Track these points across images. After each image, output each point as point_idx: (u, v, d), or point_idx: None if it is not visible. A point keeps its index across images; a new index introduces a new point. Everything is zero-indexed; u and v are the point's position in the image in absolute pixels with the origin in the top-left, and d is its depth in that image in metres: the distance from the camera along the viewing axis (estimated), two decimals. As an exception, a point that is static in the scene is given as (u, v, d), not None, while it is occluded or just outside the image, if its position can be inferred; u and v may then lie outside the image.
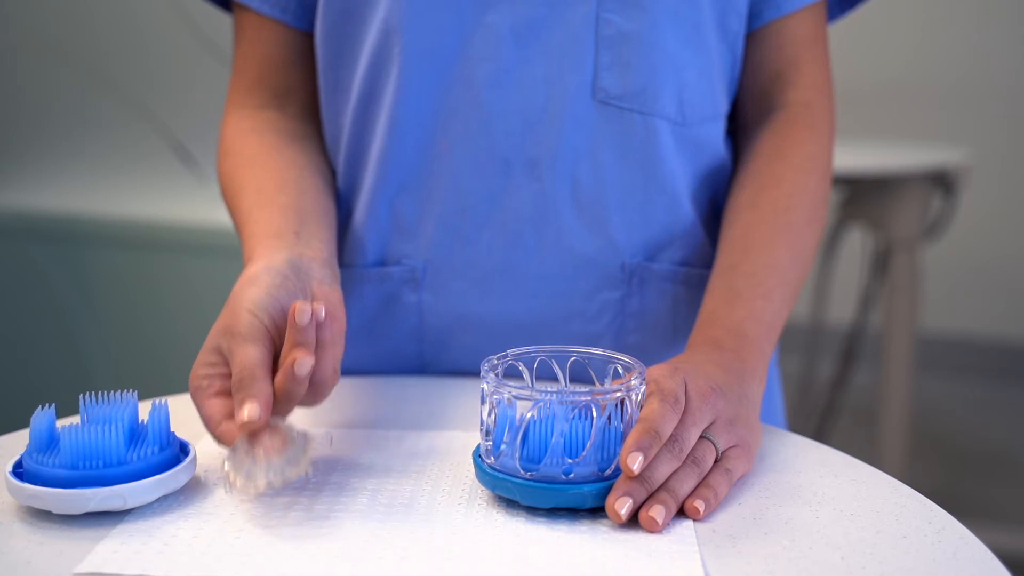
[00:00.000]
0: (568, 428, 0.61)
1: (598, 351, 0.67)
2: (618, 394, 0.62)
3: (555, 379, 0.68)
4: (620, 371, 0.66)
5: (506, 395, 0.61)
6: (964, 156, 2.25)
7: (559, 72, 0.80)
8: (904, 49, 3.29)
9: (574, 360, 0.67)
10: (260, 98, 0.89)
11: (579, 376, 0.68)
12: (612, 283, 0.84)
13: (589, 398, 0.61)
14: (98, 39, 1.97)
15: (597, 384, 0.67)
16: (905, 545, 0.58)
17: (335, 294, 0.71)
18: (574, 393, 0.61)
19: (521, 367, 0.66)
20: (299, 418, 0.76)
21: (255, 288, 0.67)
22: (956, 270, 3.34)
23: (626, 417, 0.62)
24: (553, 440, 0.60)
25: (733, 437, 0.66)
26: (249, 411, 0.60)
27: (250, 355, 0.63)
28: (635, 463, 0.59)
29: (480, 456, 0.64)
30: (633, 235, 0.84)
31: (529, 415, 0.61)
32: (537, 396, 0.61)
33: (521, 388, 0.61)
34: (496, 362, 0.65)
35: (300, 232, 0.76)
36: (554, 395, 0.61)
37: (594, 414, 0.61)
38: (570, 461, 0.61)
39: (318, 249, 0.75)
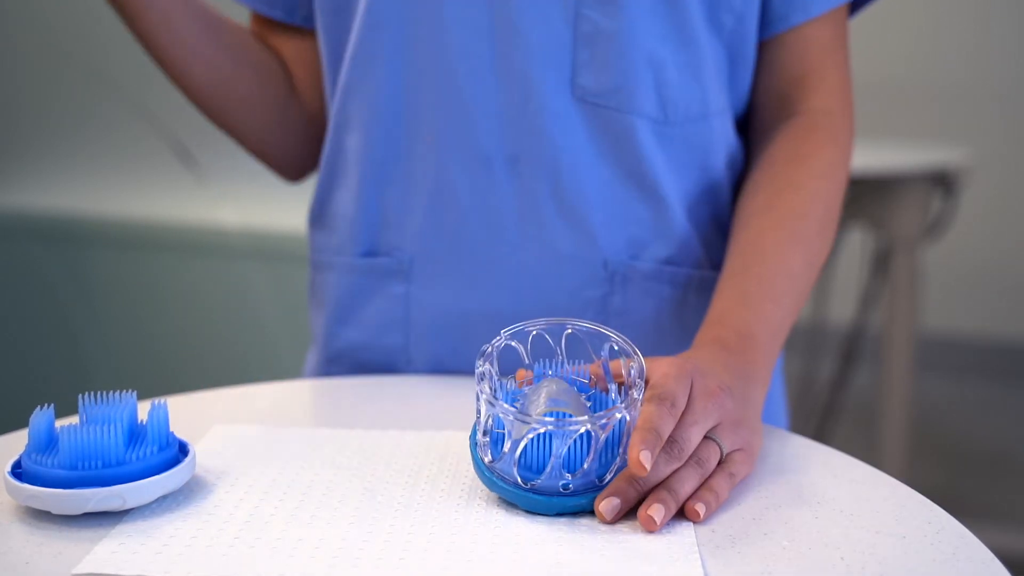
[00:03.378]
0: (566, 447, 0.60)
1: (592, 324, 0.66)
2: (618, 415, 0.61)
3: (551, 353, 0.67)
4: (615, 349, 0.65)
5: (499, 411, 0.61)
6: (964, 156, 2.25)
7: (538, 68, 0.80)
8: (904, 49, 3.29)
9: (570, 333, 0.66)
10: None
11: (575, 348, 0.67)
12: (594, 281, 0.84)
13: (588, 426, 0.60)
14: (98, 39, 1.97)
15: (594, 357, 0.66)
16: (905, 545, 0.58)
17: None
18: (573, 421, 0.60)
19: (515, 344, 0.65)
20: (295, 417, 0.76)
21: None
22: (956, 270, 3.34)
23: (625, 427, 0.61)
24: (550, 465, 0.60)
25: (738, 440, 0.65)
26: None
27: None
28: (647, 461, 0.58)
29: (477, 448, 0.63)
30: (614, 233, 0.84)
31: (524, 441, 0.60)
32: (535, 424, 0.60)
33: (519, 413, 0.60)
34: (490, 350, 0.64)
35: None
36: (552, 423, 0.60)
37: (593, 434, 0.60)
38: (568, 476, 0.60)
39: None
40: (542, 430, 0.60)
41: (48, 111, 2.03)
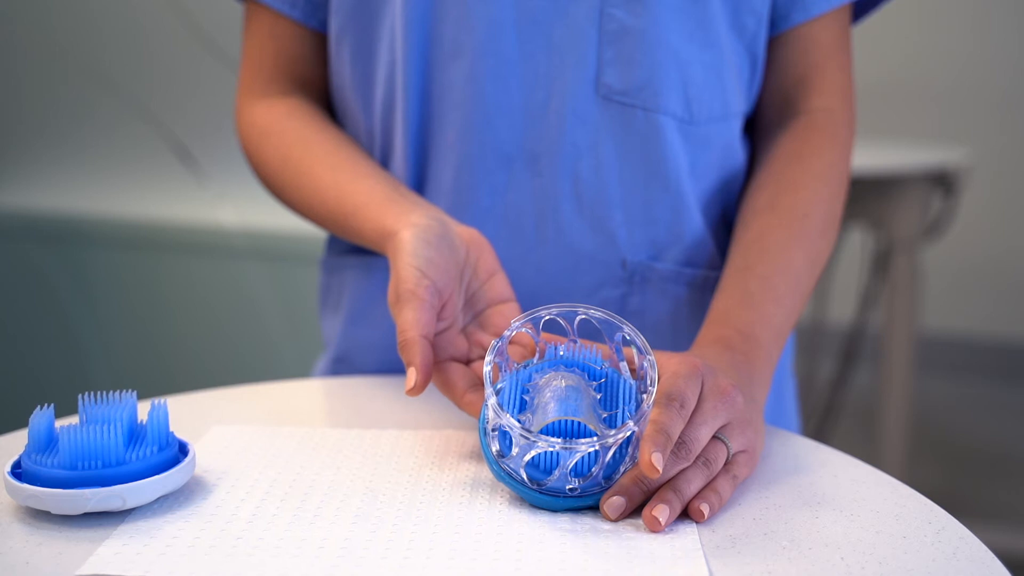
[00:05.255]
0: (573, 461, 0.60)
1: (605, 312, 0.65)
2: (627, 433, 0.61)
3: (563, 332, 0.67)
4: (627, 339, 0.65)
5: (505, 424, 0.61)
6: (964, 156, 2.25)
7: (561, 67, 0.80)
8: (904, 49, 3.29)
9: (583, 319, 0.66)
10: (281, 86, 0.90)
11: (587, 336, 0.67)
12: (613, 281, 0.84)
13: (596, 447, 0.60)
14: (98, 39, 1.97)
15: (605, 339, 0.66)
16: (905, 545, 0.58)
17: (475, 230, 0.75)
18: (581, 442, 0.60)
19: (529, 330, 0.65)
20: (295, 417, 0.76)
21: (420, 245, 0.71)
22: (956, 270, 3.34)
23: (635, 435, 0.61)
24: (557, 473, 0.60)
25: (744, 440, 0.65)
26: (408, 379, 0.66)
27: (407, 318, 0.67)
28: (659, 463, 0.58)
29: (486, 436, 0.63)
30: (635, 233, 0.84)
31: (532, 454, 0.60)
32: (543, 444, 0.60)
33: (524, 430, 0.60)
34: (500, 345, 0.64)
35: (405, 194, 0.79)
36: (559, 443, 0.60)
37: (602, 449, 0.60)
38: (576, 480, 0.60)
39: (429, 204, 0.78)
40: (548, 449, 0.60)
41: (48, 111, 2.03)
